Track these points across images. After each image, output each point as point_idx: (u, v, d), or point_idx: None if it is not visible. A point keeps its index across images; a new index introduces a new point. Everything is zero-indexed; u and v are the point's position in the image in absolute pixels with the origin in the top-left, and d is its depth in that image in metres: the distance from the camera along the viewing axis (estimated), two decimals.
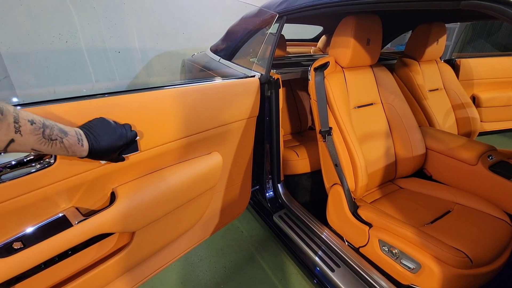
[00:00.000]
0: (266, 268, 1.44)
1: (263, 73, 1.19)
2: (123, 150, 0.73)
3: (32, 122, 0.51)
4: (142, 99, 0.81)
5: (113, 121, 0.70)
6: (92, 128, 0.65)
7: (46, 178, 0.66)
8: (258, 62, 1.25)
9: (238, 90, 1.07)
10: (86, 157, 0.63)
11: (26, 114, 0.51)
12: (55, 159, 0.66)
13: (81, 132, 0.62)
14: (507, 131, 2.28)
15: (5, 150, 0.49)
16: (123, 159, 0.76)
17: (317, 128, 1.22)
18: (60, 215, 0.73)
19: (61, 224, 0.71)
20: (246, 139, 1.20)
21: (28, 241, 0.67)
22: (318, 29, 2.57)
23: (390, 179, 1.40)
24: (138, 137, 0.76)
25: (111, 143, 0.67)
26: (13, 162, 0.60)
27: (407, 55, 1.76)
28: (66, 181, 0.69)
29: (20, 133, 0.49)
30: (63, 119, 0.66)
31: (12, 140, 0.49)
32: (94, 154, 0.64)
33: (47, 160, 0.65)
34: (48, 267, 0.74)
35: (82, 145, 0.61)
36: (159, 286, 1.33)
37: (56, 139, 0.55)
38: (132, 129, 0.74)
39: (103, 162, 0.74)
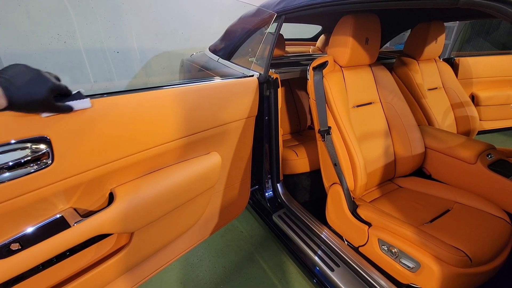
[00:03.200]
0: (265, 268, 1.44)
1: (262, 72, 1.19)
2: (60, 98, 0.62)
3: None
4: (141, 99, 0.81)
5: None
6: (7, 75, 0.53)
7: (44, 179, 0.65)
8: (257, 62, 1.25)
9: (236, 90, 1.07)
10: (7, 108, 0.53)
11: None
12: (52, 160, 0.65)
13: None
14: (506, 129, 2.28)
15: None
16: (69, 108, 0.63)
17: (316, 127, 1.22)
18: (58, 216, 0.73)
19: (59, 225, 0.71)
20: (245, 139, 1.20)
21: (26, 242, 0.66)
22: (317, 28, 2.56)
23: (389, 178, 1.40)
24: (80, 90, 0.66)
25: (37, 88, 0.55)
26: (10, 163, 0.60)
27: (406, 54, 1.76)
28: (63, 182, 0.69)
29: None
30: (64, 120, 0.65)
31: None
32: (18, 101, 0.53)
33: (44, 161, 0.65)
34: (46, 268, 0.73)
35: None
36: (159, 286, 1.33)
37: None
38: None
39: (44, 115, 0.62)
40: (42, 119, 0.62)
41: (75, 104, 0.65)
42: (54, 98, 0.60)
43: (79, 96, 0.66)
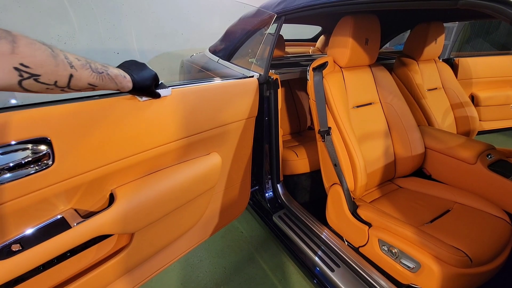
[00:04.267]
0: (266, 269, 1.44)
1: (262, 73, 1.19)
2: (155, 86, 0.78)
3: (78, 59, 0.53)
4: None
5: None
6: (125, 65, 0.70)
7: (44, 180, 0.66)
8: (257, 63, 1.25)
9: (236, 91, 1.07)
10: (131, 90, 0.68)
11: (68, 52, 0.52)
12: (53, 161, 0.66)
13: (121, 70, 0.65)
14: (505, 129, 2.28)
15: (68, 86, 0.51)
16: (159, 95, 0.79)
17: (316, 128, 1.22)
18: (59, 217, 0.73)
19: (60, 226, 0.71)
20: (245, 140, 1.20)
21: (26, 243, 0.66)
22: (317, 29, 2.57)
23: (390, 178, 1.40)
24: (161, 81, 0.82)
25: (147, 76, 0.72)
26: (11, 164, 0.60)
27: (405, 54, 1.76)
28: (64, 183, 0.69)
29: (75, 68, 0.51)
30: (65, 121, 0.66)
31: (71, 76, 0.51)
32: (138, 86, 0.68)
33: (45, 161, 0.65)
34: (47, 269, 0.73)
35: (125, 77, 0.64)
36: (159, 287, 1.33)
37: (103, 72, 0.58)
38: None
39: (143, 99, 0.78)
40: (43, 120, 0.63)
41: (162, 92, 0.81)
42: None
43: (163, 86, 0.82)
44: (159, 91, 0.80)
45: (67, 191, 0.72)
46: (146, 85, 0.72)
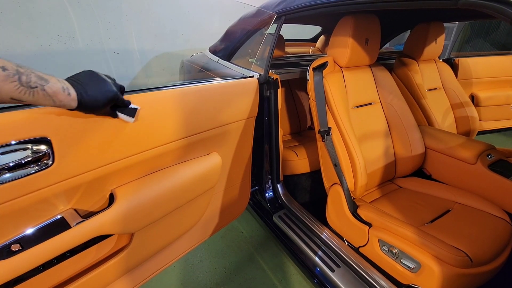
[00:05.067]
0: (266, 269, 1.43)
1: (262, 73, 1.19)
2: (116, 107, 0.69)
3: (3, 69, 0.46)
4: (141, 100, 0.81)
5: (103, 74, 0.66)
6: (79, 78, 0.60)
7: (44, 179, 0.65)
8: (257, 63, 1.25)
9: (236, 91, 1.07)
10: (76, 108, 0.59)
11: (4, 60, 0.47)
12: (53, 161, 0.65)
13: (66, 81, 0.57)
14: (506, 129, 2.28)
15: None
16: (116, 115, 0.70)
17: (316, 128, 1.22)
18: (59, 217, 0.73)
19: (60, 226, 0.71)
20: (245, 140, 1.20)
21: (26, 243, 0.66)
22: (317, 29, 2.57)
23: (390, 178, 1.40)
24: (132, 105, 0.73)
25: (102, 93, 0.62)
26: (11, 164, 0.60)
27: (405, 54, 1.76)
28: (64, 183, 0.69)
29: None
30: (65, 120, 0.66)
31: None
32: (85, 104, 0.59)
33: (45, 161, 0.65)
34: (47, 269, 0.73)
35: (69, 94, 0.56)
36: (159, 287, 1.33)
37: (37, 87, 0.50)
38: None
39: (96, 115, 0.68)
40: (43, 120, 0.62)
41: (122, 115, 0.71)
42: (111, 107, 0.68)
43: (129, 111, 0.72)
44: (120, 114, 0.71)
45: (67, 191, 0.72)
46: (96, 106, 0.61)
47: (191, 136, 0.95)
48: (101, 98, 0.61)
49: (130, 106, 0.73)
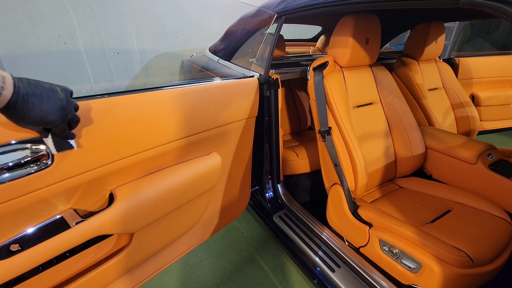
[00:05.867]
0: (266, 269, 1.43)
1: (262, 73, 1.19)
2: (58, 128, 0.58)
3: None
4: (141, 100, 0.81)
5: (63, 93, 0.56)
6: (28, 89, 0.49)
7: (44, 179, 0.65)
8: (257, 62, 1.25)
9: (237, 90, 1.07)
10: (0, 110, 0.48)
11: None
12: (52, 161, 0.65)
13: (9, 77, 0.47)
14: (506, 129, 2.28)
15: None
16: (46, 135, 0.60)
17: (317, 128, 1.21)
18: (58, 217, 0.72)
19: (59, 226, 0.70)
20: (245, 140, 1.19)
21: (25, 243, 0.66)
22: (317, 29, 2.56)
23: (390, 178, 1.39)
24: (75, 137, 0.64)
25: (49, 110, 0.52)
26: (10, 164, 0.60)
27: (406, 54, 1.76)
28: (63, 183, 0.69)
29: None
30: None
31: None
32: (14, 111, 0.48)
33: (44, 161, 0.64)
34: (46, 269, 0.73)
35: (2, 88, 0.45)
36: (159, 287, 1.32)
37: None
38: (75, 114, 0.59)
39: (29, 128, 0.58)
40: None
41: (49, 142, 0.62)
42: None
43: (61, 143, 0.64)
44: (49, 140, 0.61)
45: (66, 191, 0.71)
46: (34, 121, 0.52)
47: (191, 136, 0.95)
48: (45, 114, 0.51)
49: (69, 141, 0.65)
